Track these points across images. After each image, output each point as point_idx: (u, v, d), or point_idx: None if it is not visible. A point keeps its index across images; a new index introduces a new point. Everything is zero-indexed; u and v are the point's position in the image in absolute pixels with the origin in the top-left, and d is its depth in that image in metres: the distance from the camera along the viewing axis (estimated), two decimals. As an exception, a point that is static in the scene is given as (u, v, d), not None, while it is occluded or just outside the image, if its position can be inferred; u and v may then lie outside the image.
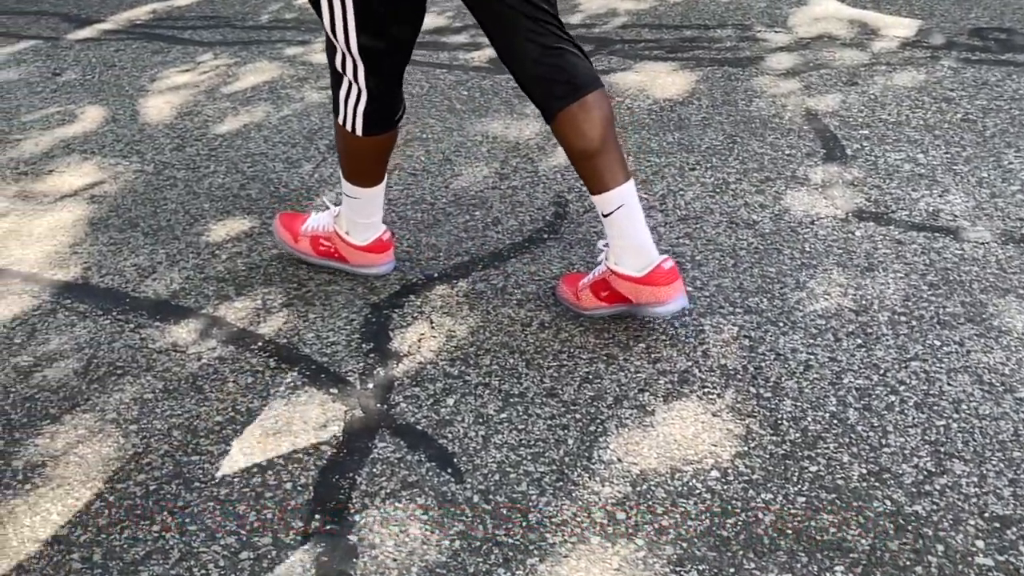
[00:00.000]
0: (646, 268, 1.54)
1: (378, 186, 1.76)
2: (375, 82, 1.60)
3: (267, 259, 1.93)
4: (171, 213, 2.14)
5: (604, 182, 1.53)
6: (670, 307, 1.54)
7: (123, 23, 3.68)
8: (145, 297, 1.82)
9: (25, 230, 2.09)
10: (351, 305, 1.76)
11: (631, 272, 1.55)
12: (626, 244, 1.56)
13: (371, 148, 1.69)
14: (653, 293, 1.54)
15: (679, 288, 1.55)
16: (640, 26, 3.24)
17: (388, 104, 1.64)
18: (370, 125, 1.65)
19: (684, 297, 1.56)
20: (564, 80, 1.50)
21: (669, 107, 2.55)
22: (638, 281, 1.54)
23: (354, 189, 1.76)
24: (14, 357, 1.66)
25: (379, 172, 1.75)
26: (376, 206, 1.80)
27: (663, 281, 1.53)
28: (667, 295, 1.53)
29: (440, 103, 2.67)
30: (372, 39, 1.54)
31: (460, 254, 1.91)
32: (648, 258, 1.55)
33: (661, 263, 1.54)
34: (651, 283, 1.54)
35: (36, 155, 2.47)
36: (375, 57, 1.57)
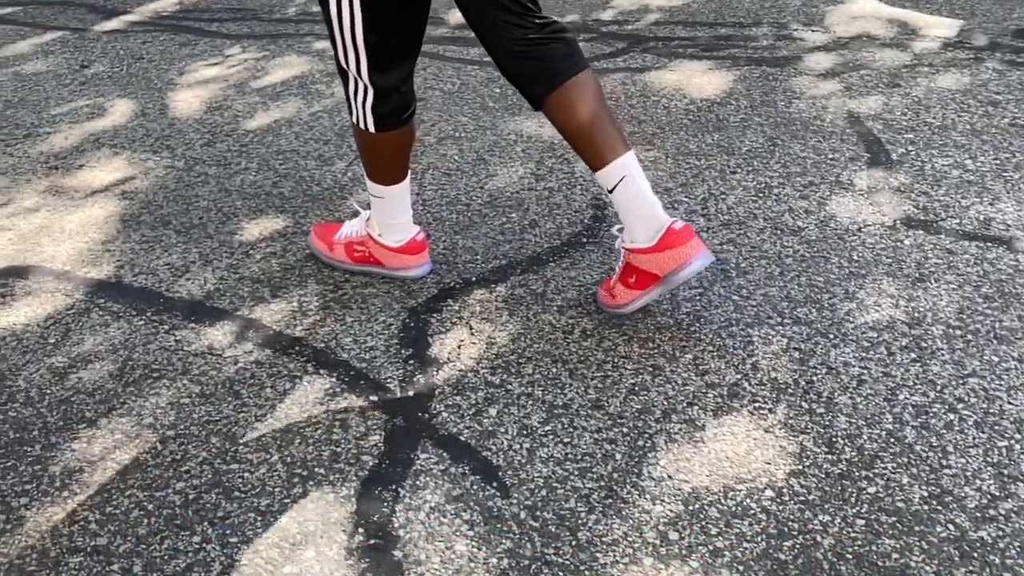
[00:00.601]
0: (657, 234, 1.52)
1: (401, 183, 1.73)
2: (381, 78, 1.56)
3: (301, 259, 1.90)
4: (203, 211, 2.11)
5: (602, 157, 1.54)
6: (694, 266, 1.51)
7: (150, 14, 3.65)
8: (179, 297, 1.79)
9: (57, 226, 2.07)
10: (388, 309, 1.72)
11: (646, 244, 1.53)
12: (635, 216, 1.55)
13: (388, 144, 1.66)
14: (672, 257, 1.51)
15: (697, 245, 1.51)
16: (673, 23, 3.19)
17: (396, 100, 1.60)
18: (381, 121, 1.61)
19: (706, 252, 1.52)
20: (544, 69, 1.54)
21: (707, 107, 2.50)
22: (654, 250, 1.52)
23: (378, 188, 1.73)
24: (49, 358, 1.63)
25: (400, 169, 1.72)
26: (403, 205, 1.76)
27: (678, 242, 1.51)
28: (686, 255, 1.50)
29: (472, 100, 2.63)
30: (378, 34, 1.50)
31: (498, 257, 1.87)
32: (658, 223, 1.53)
33: (671, 225, 1.52)
34: (667, 247, 1.51)
35: (66, 149, 2.45)
36: (380, 52, 1.53)
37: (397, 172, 1.72)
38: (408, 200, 1.77)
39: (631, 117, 2.46)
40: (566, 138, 1.59)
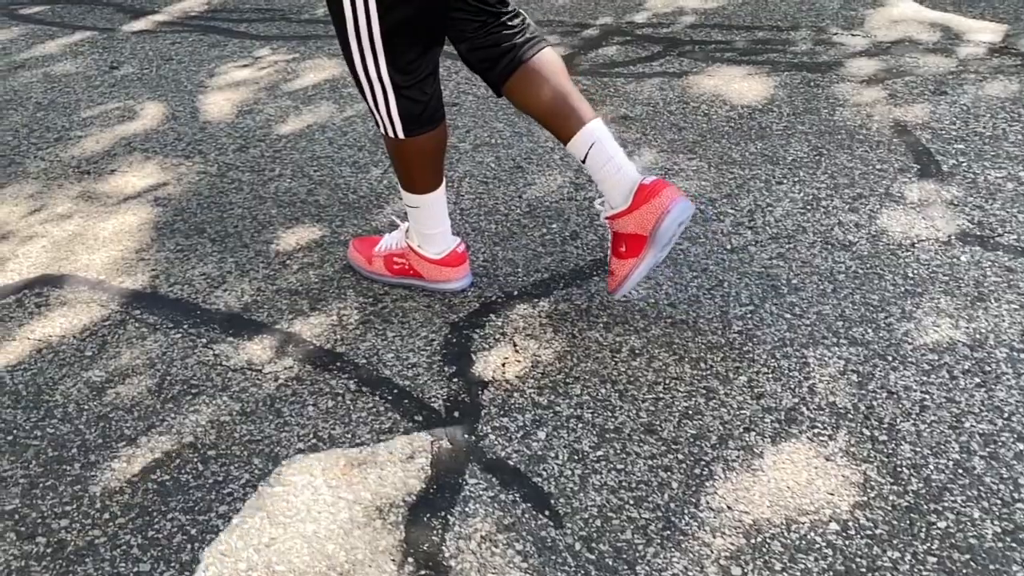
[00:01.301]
0: (631, 193, 1.53)
1: (436, 191, 1.68)
2: (401, 74, 1.49)
3: (339, 271, 1.86)
4: (238, 219, 2.08)
5: (569, 129, 1.56)
6: (674, 214, 1.50)
7: (178, 14, 3.63)
8: (216, 310, 1.76)
9: (90, 233, 2.05)
10: (429, 324, 1.69)
11: (623, 206, 1.54)
12: (609, 181, 1.56)
13: (419, 150, 1.60)
14: (650, 211, 1.51)
15: (673, 193, 1.51)
16: (709, 26, 3.13)
17: (421, 98, 1.54)
18: (410, 124, 1.55)
19: (684, 200, 1.52)
20: (499, 56, 1.57)
21: (748, 115, 2.44)
22: (631, 209, 1.53)
23: (413, 197, 1.68)
24: (86, 371, 1.61)
25: (434, 176, 1.66)
26: (440, 214, 1.72)
27: (652, 194, 1.51)
28: (662, 205, 1.50)
29: (507, 106, 2.59)
30: (394, 16, 1.42)
31: (539, 270, 1.83)
32: (630, 183, 1.54)
33: (641, 181, 1.53)
34: (643, 202, 1.51)
35: (97, 153, 2.43)
36: (398, 43, 1.45)
37: (431, 179, 1.67)
38: (445, 209, 1.73)
39: (671, 124, 2.41)
40: (533, 117, 1.62)
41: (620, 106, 2.54)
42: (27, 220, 2.11)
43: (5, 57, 3.21)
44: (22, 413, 1.51)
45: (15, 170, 2.35)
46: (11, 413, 1.51)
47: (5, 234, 2.06)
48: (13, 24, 3.61)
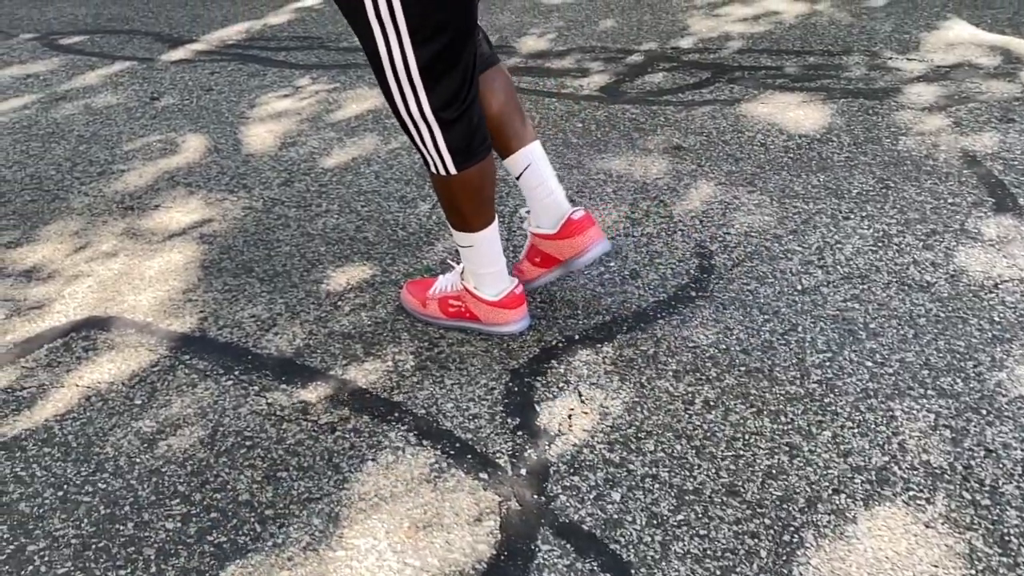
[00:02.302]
0: (559, 222, 1.67)
1: (489, 227, 1.61)
2: (447, 110, 1.43)
3: (392, 312, 1.80)
4: (286, 257, 2.03)
5: (508, 146, 1.65)
6: (592, 253, 1.67)
7: (216, 43, 3.63)
8: (267, 355, 1.71)
9: (136, 273, 2.01)
10: (489, 370, 1.62)
11: (549, 231, 1.68)
12: (541, 203, 1.68)
13: (472, 184, 1.53)
14: (572, 245, 1.67)
15: (595, 234, 1.67)
16: (757, 51, 3.05)
17: (469, 130, 1.48)
18: (461, 157, 1.49)
19: (603, 240, 1.68)
20: None
21: (807, 144, 2.36)
22: (556, 237, 1.68)
23: (465, 236, 1.61)
24: (136, 421, 1.56)
25: (487, 210, 1.59)
26: (495, 252, 1.65)
27: (577, 231, 1.66)
28: (583, 244, 1.66)
29: (554, 136, 2.53)
30: (429, 49, 1.35)
31: (600, 312, 1.75)
32: (559, 212, 1.67)
33: (571, 215, 1.67)
34: (567, 235, 1.67)
35: (141, 188, 2.40)
36: (436, 73, 1.39)
37: (484, 215, 1.60)
38: (499, 247, 1.66)
39: (727, 154, 2.34)
40: (499, 127, 1.67)
41: (672, 136, 2.47)
42: (72, 259, 2.08)
43: (47, 88, 3.21)
44: (72, 467, 1.46)
45: (59, 206, 2.33)
46: (61, 467, 1.46)
47: (51, 273, 2.03)
48: (53, 55, 3.63)
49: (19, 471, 1.46)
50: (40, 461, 1.48)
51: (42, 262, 2.07)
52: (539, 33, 3.43)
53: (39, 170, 2.54)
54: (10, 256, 2.11)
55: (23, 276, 2.02)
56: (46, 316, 1.87)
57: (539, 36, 3.39)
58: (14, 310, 1.90)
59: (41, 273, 2.03)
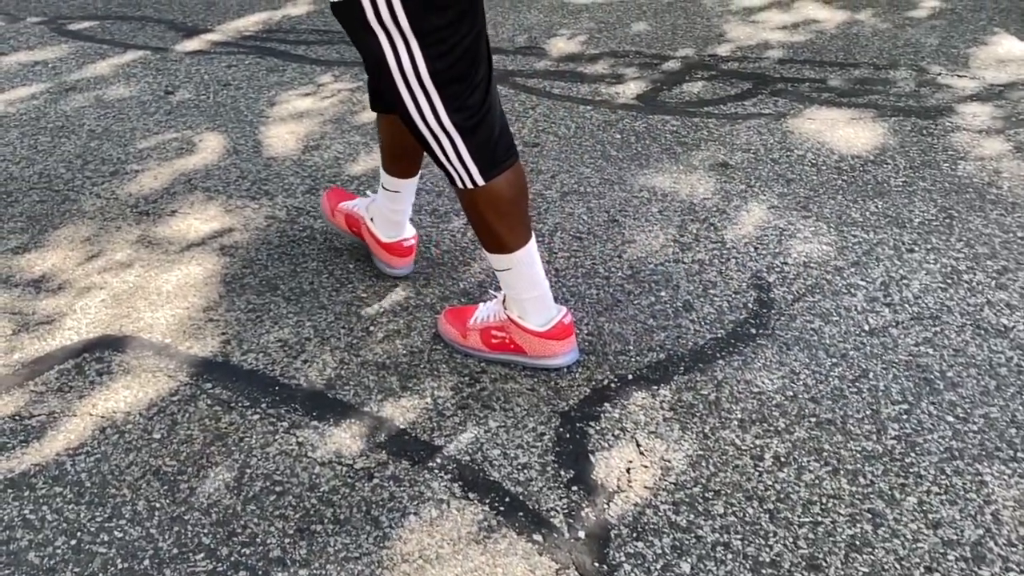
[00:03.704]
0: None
1: (527, 246, 1.49)
2: (466, 118, 1.35)
3: (428, 340, 1.68)
4: (313, 274, 1.91)
5: (408, 171, 1.78)
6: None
7: (232, 34, 3.49)
8: (296, 385, 1.59)
9: (153, 286, 1.88)
10: (537, 412, 1.50)
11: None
12: (388, 216, 1.80)
13: (500, 197, 1.43)
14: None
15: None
16: (799, 62, 2.93)
17: (492, 136, 1.39)
18: (487, 165, 1.40)
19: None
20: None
21: (860, 166, 2.24)
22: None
23: (502, 258, 1.50)
24: (155, 459, 1.44)
25: (522, 228, 1.48)
26: (536, 274, 1.53)
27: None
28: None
29: (592, 148, 2.41)
30: (446, 61, 1.29)
31: (654, 349, 1.64)
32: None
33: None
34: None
35: (156, 191, 2.27)
36: (452, 83, 1.32)
37: (519, 232, 1.48)
38: (540, 267, 1.54)
39: (776, 175, 2.22)
40: (394, 146, 1.72)
41: (717, 151, 2.35)
42: (84, 268, 1.95)
43: (56, 77, 3.07)
44: (86, 511, 1.34)
45: (70, 208, 2.20)
46: (74, 510, 1.34)
47: (62, 284, 1.90)
48: (62, 40, 3.48)
49: (28, 514, 1.34)
50: (51, 502, 1.36)
51: (52, 271, 1.95)
52: (569, 35, 3.29)
53: (48, 167, 2.41)
54: (18, 263, 1.98)
55: (31, 286, 1.90)
56: (56, 333, 1.74)
57: (569, 38, 3.26)
58: (22, 325, 1.78)
59: (51, 283, 1.90)
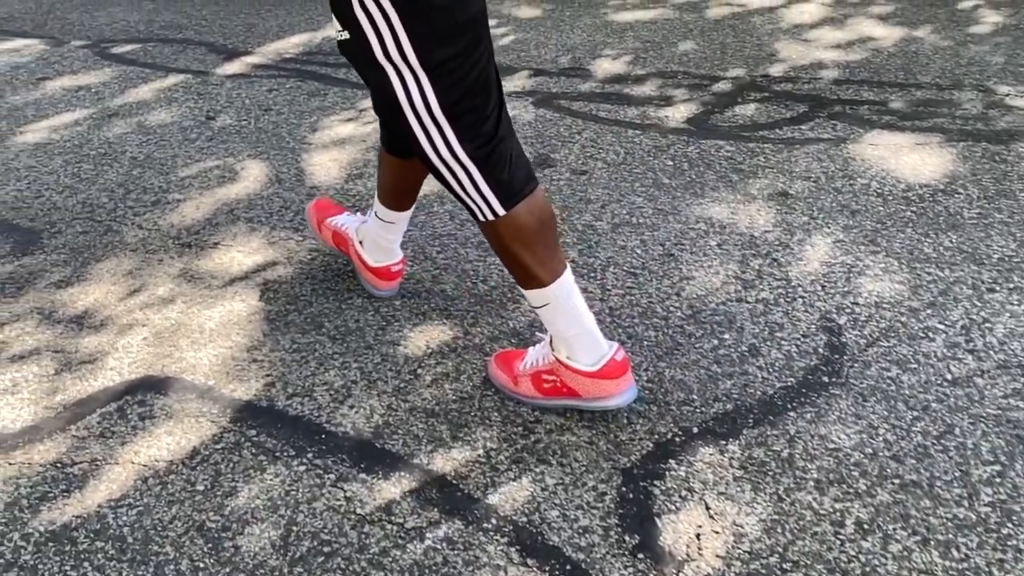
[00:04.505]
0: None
1: (561, 278, 1.41)
2: (480, 148, 1.31)
3: (478, 385, 1.61)
4: (358, 311, 1.85)
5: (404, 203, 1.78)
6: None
7: (272, 56, 3.47)
8: (343, 433, 1.52)
9: (195, 324, 1.84)
10: (596, 468, 1.42)
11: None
12: (378, 240, 1.80)
13: (524, 227, 1.37)
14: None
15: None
16: (856, 82, 2.82)
17: (507, 164, 1.35)
18: (504, 195, 1.35)
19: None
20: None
21: (929, 196, 2.13)
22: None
23: (538, 294, 1.42)
24: (199, 513, 1.38)
25: (553, 258, 1.41)
26: (576, 306, 1.44)
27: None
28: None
29: (643, 175, 2.32)
30: (455, 94, 1.26)
31: (719, 398, 1.55)
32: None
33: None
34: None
35: (198, 222, 2.24)
36: (468, 118, 1.29)
37: (551, 264, 1.40)
38: (580, 299, 1.45)
39: (840, 205, 2.11)
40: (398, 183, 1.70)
41: (776, 180, 2.25)
42: (126, 304, 1.91)
43: (99, 103, 3.07)
44: (128, 568, 1.28)
45: (112, 239, 2.17)
46: (116, 568, 1.29)
47: (103, 320, 1.87)
48: (105, 64, 3.50)
49: (69, 570, 1.29)
50: (92, 559, 1.31)
51: (94, 306, 1.91)
52: (614, 55, 3.22)
53: (91, 196, 2.39)
54: (60, 298, 1.95)
55: (73, 323, 1.86)
56: (98, 373, 1.70)
57: (614, 58, 3.18)
58: (64, 364, 1.74)
59: (93, 320, 1.87)
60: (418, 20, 1.21)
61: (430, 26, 1.22)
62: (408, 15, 1.21)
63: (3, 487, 1.45)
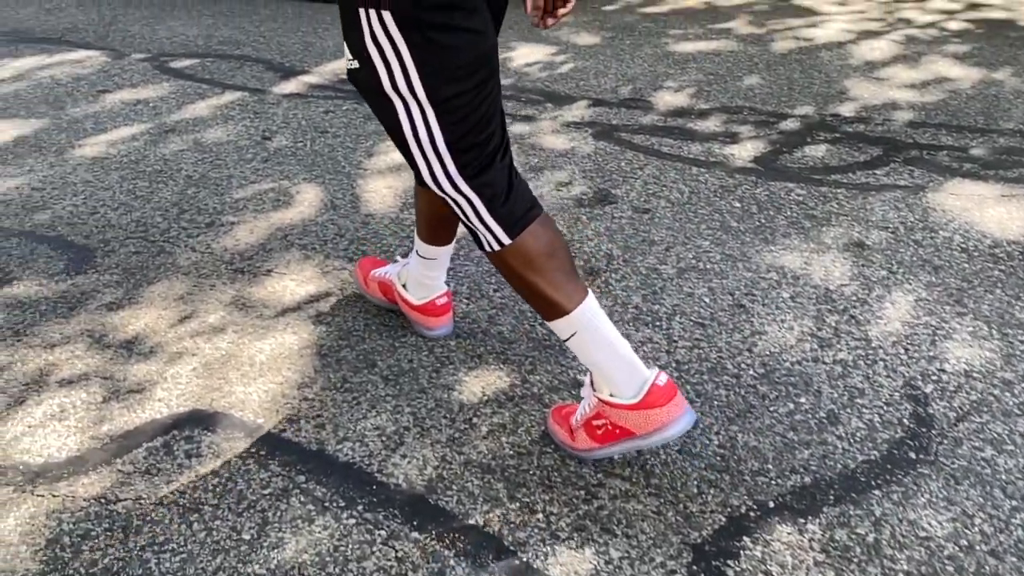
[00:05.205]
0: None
1: (584, 303, 1.36)
2: (481, 177, 1.32)
3: (537, 439, 1.53)
4: (412, 349, 1.78)
5: (441, 237, 1.73)
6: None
7: (329, 77, 3.45)
8: (395, 485, 1.45)
9: (246, 355, 1.79)
10: (664, 542, 1.32)
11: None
12: (420, 278, 1.78)
13: (533, 253, 1.35)
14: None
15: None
16: (934, 126, 2.70)
17: (506, 189, 1.35)
18: (508, 224, 1.35)
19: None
20: None
21: (1019, 254, 2.00)
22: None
23: (563, 324, 1.37)
24: (244, 565, 1.32)
25: (571, 282, 1.37)
26: (607, 332, 1.37)
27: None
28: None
29: (709, 217, 2.23)
30: (460, 132, 1.28)
31: (796, 469, 1.45)
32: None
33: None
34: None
35: (252, 247, 2.20)
36: (471, 149, 1.30)
37: (570, 288, 1.36)
38: (611, 326, 1.38)
39: (921, 260, 2.00)
40: (432, 217, 1.67)
41: (851, 229, 2.14)
42: (176, 331, 1.88)
43: (156, 118, 3.08)
44: (169, 625, 1.23)
45: (165, 261, 2.14)
46: (156, 622, 1.24)
47: (153, 347, 1.83)
48: (164, 79, 3.51)
49: (108, 621, 1.24)
50: (132, 610, 1.26)
51: (144, 332, 1.88)
52: (676, 87, 3.14)
53: (145, 215, 2.37)
54: (111, 321, 1.92)
55: (123, 348, 1.83)
56: (146, 404, 1.66)
57: (676, 90, 3.10)
58: (112, 392, 1.70)
59: (143, 346, 1.83)
60: (429, 57, 1.23)
61: (440, 63, 1.24)
62: (420, 51, 1.22)
63: (46, 522, 1.41)
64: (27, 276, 2.10)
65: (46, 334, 1.88)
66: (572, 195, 2.38)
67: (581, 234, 2.17)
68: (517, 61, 3.53)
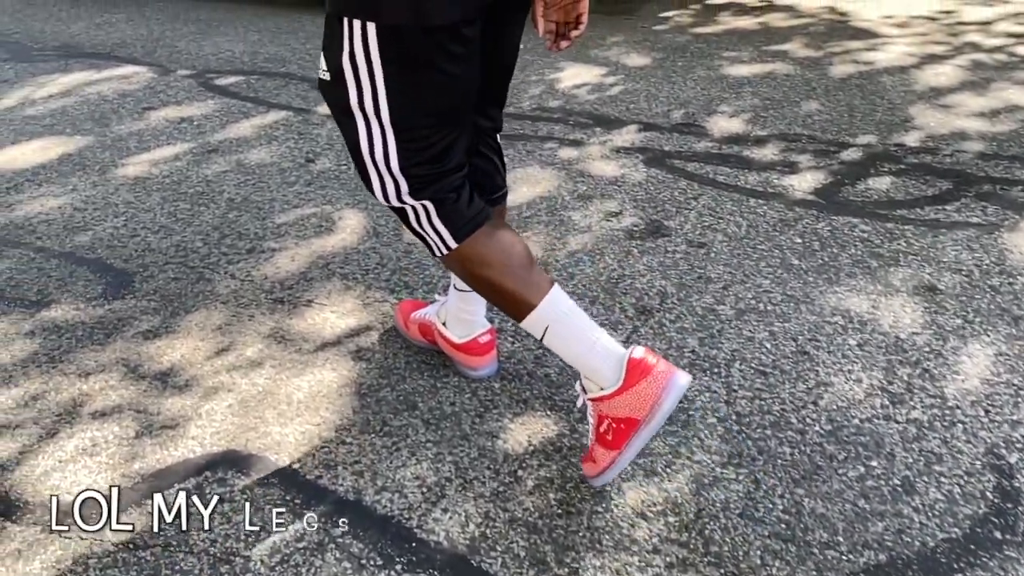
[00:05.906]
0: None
1: (551, 293, 1.36)
2: (429, 195, 1.33)
3: (587, 497, 1.43)
4: (454, 391, 1.70)
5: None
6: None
7: (373, 96, 3.41)
8: (435, 543, 1.37)
9: (283, 392, 1.72)
10: (726, 620, 1.23)
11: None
12: (459, 315, 1.69)
13: (483, 249, 1.36)
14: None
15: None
16: (1006, 158, 2.55)
17: (460, 204, 1.35)
18: (455, 227, 1.36)
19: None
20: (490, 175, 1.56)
21: (1108, 304, 1.87)
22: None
23: (535, 320, 1.36)
24: (275, 628, 1.25)
25: (534, 275, 1.37)
26: (578, 324, 1.36)
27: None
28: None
29: (769, 253, 2.12)
30: (418, 159, 1.29)
31: (870, 545, 1.33)
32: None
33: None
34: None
35: (293, 275, 2.14)
36: (430, 178, 1.32)
37: (534, 281, 1.37)
38: (577, 310, 1.38)
39: (999, 308, 1.86)
40: None
41: (921, 270, 2.01)
42: (213, 364, 1.82)
43: (200, 137, 3.05)
44: None
45: (203, 288, 2.10)
46: None
47: (189, 380, 1.77)
48: (209, 96, 3.50)
49: None
50: (157, 673, 1.19)
51: (180, 363, 1.82)
52: (731, 112, 3.03)
53: (186, 239, 2.33)
54: (147, 350, 1.87)
55: (158, 380, 1.77)
56: (179, 442, 1.60)
57: (731, 116, 2.99)
58: (145, 427, 1.65)
59: (178, 379, 1.77)
60: (405, 88, 1.23)
61: (413, 97, 1.24)
62: (395, 82, 1.22)
63: (72, 566, 1.35)
64: (65, 300, 2.07)
65: (81, 361, 1.84)
66: (623, 226, 2.28)
67: (633, 268, 2.07)
68: (565, 83, 3.45)
